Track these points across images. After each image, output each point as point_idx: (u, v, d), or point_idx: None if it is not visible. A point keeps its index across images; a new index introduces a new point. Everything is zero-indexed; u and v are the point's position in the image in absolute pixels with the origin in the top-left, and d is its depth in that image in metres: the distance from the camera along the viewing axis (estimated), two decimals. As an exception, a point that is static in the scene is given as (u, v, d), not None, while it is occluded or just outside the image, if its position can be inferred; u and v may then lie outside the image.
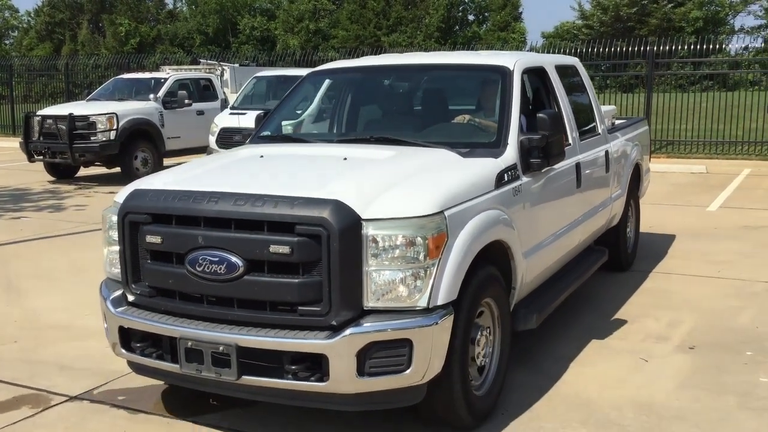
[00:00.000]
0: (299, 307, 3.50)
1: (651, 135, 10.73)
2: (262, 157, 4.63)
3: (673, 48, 17.71)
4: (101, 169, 14.99)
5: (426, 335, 3.48)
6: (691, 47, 18.12)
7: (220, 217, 3.62)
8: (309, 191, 3.62)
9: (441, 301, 3.56)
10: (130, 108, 14.24)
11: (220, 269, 3.58)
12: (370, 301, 3.50)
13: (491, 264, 4.05)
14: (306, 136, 5.64)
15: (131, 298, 3.97)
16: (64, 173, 14.67)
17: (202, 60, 21.46)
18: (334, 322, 3.45)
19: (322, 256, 3.43)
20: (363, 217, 3.49)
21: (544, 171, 4.75)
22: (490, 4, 56.98)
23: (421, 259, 3.50)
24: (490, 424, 4.06)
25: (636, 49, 17.51)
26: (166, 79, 15.35)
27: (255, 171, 4.33)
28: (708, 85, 24.59)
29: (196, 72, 18.12)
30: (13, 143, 18.70)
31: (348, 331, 3.42)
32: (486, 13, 58.04)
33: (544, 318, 4.84)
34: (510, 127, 4.65)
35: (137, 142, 14.10)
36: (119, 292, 4.06)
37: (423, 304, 3.52)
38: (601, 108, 6.70)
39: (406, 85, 5.79)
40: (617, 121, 7.78)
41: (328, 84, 6.11)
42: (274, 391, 3.65)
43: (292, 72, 15.76)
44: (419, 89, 5.71)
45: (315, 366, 3.49)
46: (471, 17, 59.03)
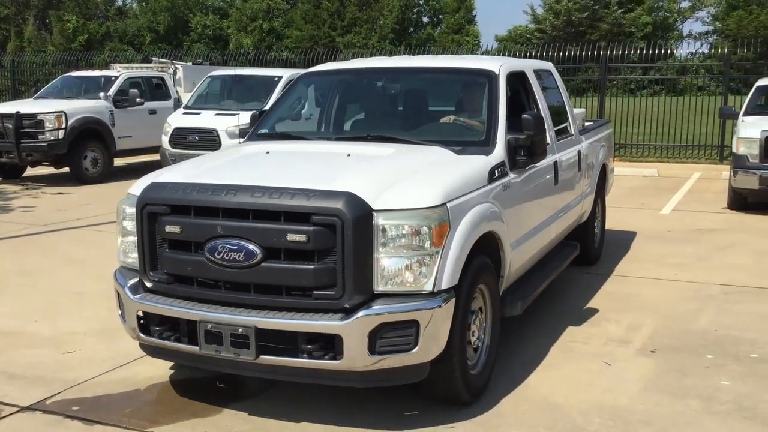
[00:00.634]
0: (314, 291, 3.77)
1: (606, 138, 10.87)
2: (268, 153, 4.88)
3: (624, 53, 18.02)
4: (49, 169, 14.61)
5: (431, 316, 3.78)
6: (642, 52, 18.45)
7: (239, 208, 3.87)
8: (323, 184, 3.88)
9: (444, 285, 3.85)
10: (79, 106, 13.91)
11: (239, 257, 3.82)
12: (380, 286, 3.79)
13: (484, 254, 4.33)
14: (304, 134, 5.83)
15: (149, 284, 4.19)
16: (11, 173, 14.29)
17: (154, 58, 21.04)
18: (347, 305, 3.73)
19: (336, 244, 3.71)
20: (374, 208, 3.77)
21: (527, 168, 5.09)
22: (445, 7, 57.22)
23: (427, 247, 3.80)
24: None
25: (588, 53, 17.75)
26: (116, 77, 15.02)
27: (265, 166, 4.60)
28: (657, 89, 25.05)
29: (148, 70, 17.75)
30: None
31: (360, 313, 3.71)
32: (440, 16, 58.22)
33: (528, 305, 5.13)
34: (498, 126, 4.97)
35: (87, 142, 13.79)
36: (135, 280, 4.27)
37: (428, 288, 3.82)
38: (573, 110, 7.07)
39: (398, 86, 6.09)
40: (586, 124, 8.02)
41: (321, 85, 6.42)
42: (289, 370, 3.89)
43: (248, 71, 15.58)
44: (411, 91, 6.00)
45: (328, 345, 3.76)
46: (425, 19, 59.22)
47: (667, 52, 20.05)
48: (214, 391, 4.61)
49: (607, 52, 17.40)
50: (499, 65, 5.46)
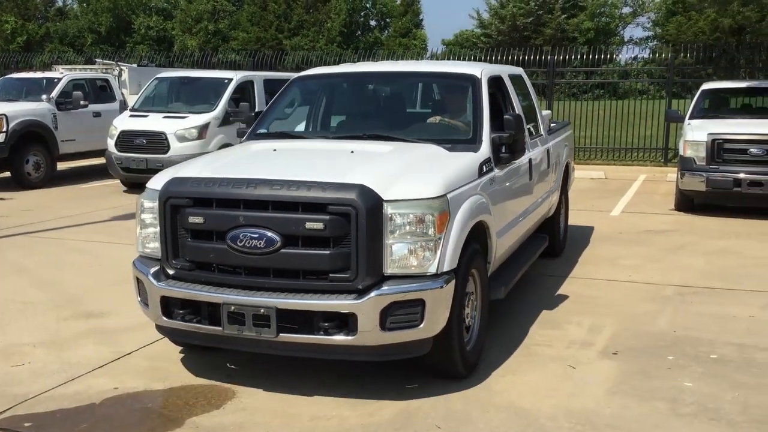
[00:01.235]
0: (330, 274, 4.14)
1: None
2: (276, 150, 5.25)
3: (568, 58, 18.28)
4: (-12, 174, 14.08)
5: (435, 296, 4.19)
6: (585, 57, 18.75)
7: (260, 199, 4.21)
8: (337, 177, 4.26)
9: (446, 267, 4.27)
10: (20, 109, 13.48)
11: (260, 244, 4.17)
12: (389, 269, 4.19)
13: (475, 241, 4.73)
14: (303, 134, 6.23)
15: (171, 272, 4.50)
16: (-52, 178, 13.73)
17: (98, 60, 20.53)
18: (360, 286, 4.12)
19: (350, 231, 4.09)
20: (384, 198, 4.15)
21: (509, 164, 5.55)
22: (392, 11, 57.35)
23: (430, 233, 4.21)
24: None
25: (533, 57, 17.95)
26: (59, 79, 14.60)
27: (277, 161, 4.97)
28: (599, 93, 25.52)
29: (91, 72, 17.29)
30: None
31: (373, 293, 4.10)
32: (387, 20, 58.30)
33: (510, 290, 5.64)
34: (483, 125, 5.44)
35: (29, 145, 13.39)
36: (156, 267, 4.57)
37: (433, 270, 4.23)
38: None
39: (388, 89, 6.56)
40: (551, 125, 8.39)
41: (313, 87, 6.73)
42: (306, 347, 4.26)
43: (196, 73, 15.30)
44: (401, 93, 6.52)
45: (343, 323, 4.14)
46: (373, 23, 59.20)
47: (609, 56, 20.41)
48: (169, 405, 4.45)
49: (554, 57, 17.61)
50: (481, 69, 5.97)
